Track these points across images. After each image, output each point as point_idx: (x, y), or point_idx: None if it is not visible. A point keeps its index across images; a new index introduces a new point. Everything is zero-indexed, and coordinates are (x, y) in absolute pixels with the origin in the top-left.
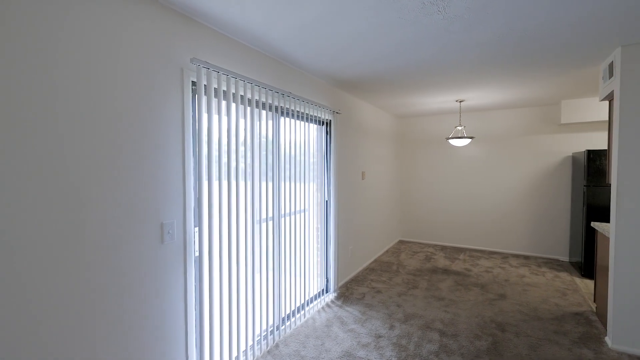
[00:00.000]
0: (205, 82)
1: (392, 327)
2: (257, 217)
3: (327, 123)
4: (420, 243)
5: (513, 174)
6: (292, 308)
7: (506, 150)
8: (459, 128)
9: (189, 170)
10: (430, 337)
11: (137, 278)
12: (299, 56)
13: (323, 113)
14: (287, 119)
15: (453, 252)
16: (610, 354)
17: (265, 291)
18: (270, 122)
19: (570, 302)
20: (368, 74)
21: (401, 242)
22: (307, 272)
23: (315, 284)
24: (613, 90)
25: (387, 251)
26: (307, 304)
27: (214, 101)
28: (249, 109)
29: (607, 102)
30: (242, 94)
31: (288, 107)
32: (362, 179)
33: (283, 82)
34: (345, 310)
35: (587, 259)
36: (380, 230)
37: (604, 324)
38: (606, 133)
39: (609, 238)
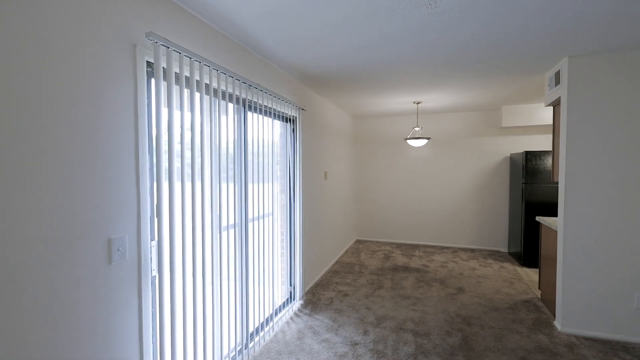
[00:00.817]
0: (164, 64)
1: (366, 332)
2: (222, 224)
3: (292, 120)
4: (377, 242)
5: (460, 174)
6: (260, 321)
7: (454, 151)
8: (417, 129)
9: (144, 172)
10: (405, 339)
11: (76, 315)
12: (268, 43)
13: (289, 109)
14: (254, 115)
15: (409, 249)
16: (561, 337)
17: (233, 306)
18: (235, 116)
19: (518, 290)
20: (337, 69)
21: (358, 241)
22: (273, 281)
23: (280, 293)
24: (560, 97)
25: (346, 252)
26: (275, 316)
27: (175, 88)
28: (214, 100)
29: (547, 108)
30: (207, 82)
31: (255, 100)
32: (325, 179)
33: (248, 73)
34: (315, 318)
35: (526, 250)
36: (341, 230)
37: (550, 310)
38: (541, 136)
39: (554, 230)
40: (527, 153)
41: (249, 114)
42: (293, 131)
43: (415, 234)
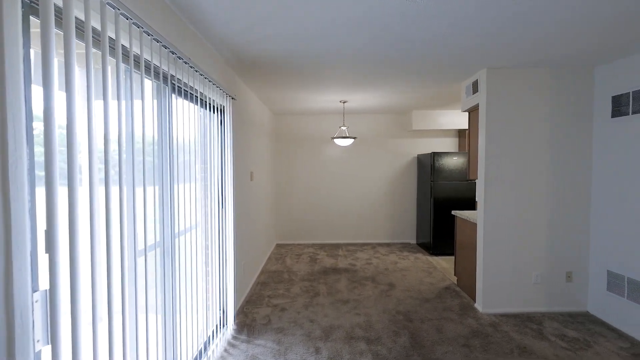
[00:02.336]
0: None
1: (318, 351)
2: (138, 245)
3: (221, 110)
4: (299, 244)
5: (377, 173)
6: None
7: (371, 151)
8: (343, 128)
9: (17, 171)
10: (359, 349)
11: None
12: (209, 7)
13: (219, 97)
14: (178, 100)
15: (332, 249)
16: (485, 318)
17: (155, 350)
18: (155, 101)
19: (437, 279)
20: (276, 55)
21: (279, 246)
22: (201, 308)
23: (210, 320)
24: (478, 103)
25: (270, 258)
26: (205, 351)
27: (73, 42)
28: (127, 69)
29: (450, 114)
30: (125, 43)
31: (183, 79)
32: (251, 180)
33: (176, 41)
34: (256, 344)
35: (435, 241)
36: (264, 236)
37: (468, 294)
38: (444, 139)
39: (471, 223)
40: (434, 154)
41: (175, 98)
42: (221, 123)
43: (337, 233)
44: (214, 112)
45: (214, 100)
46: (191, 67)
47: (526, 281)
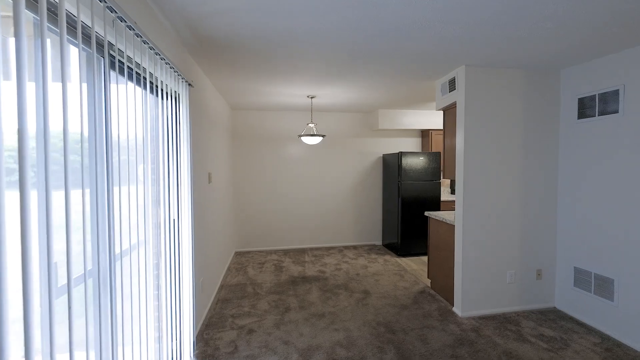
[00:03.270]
0: None
1: None
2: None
3: (176, 98)
4: (260, 251)
5: (343, 174)
6: None
7: (337, 151)
8: (311, 125)
9: None
10: None
11: None
12: None
13: (173, 81)
14: (120, 80)
15: (297, 254)
16: (466, 323)
17: None
18: (84, 85)
19: (410, 282)
20: (236, 33)
21: (239, 254)
22: (151, 340)
23: (164, 353)
24: (455, 102)
25: (229, 269)
26: None
27: None
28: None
29: (415, 114)
30: None
31: (123, 50)
32: (209, 183)
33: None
34: None
35: (403, 242)
36: (223, 245)
37: (444, 297)
38: (407, 139)
39: (446, 224)
40: (402, 154)
41: (114, 77)
42: (176, 114)
43: (301, 237)
44: (166, 98)
45: (166, 85)
46: (137, 35)
47: (501, 281)
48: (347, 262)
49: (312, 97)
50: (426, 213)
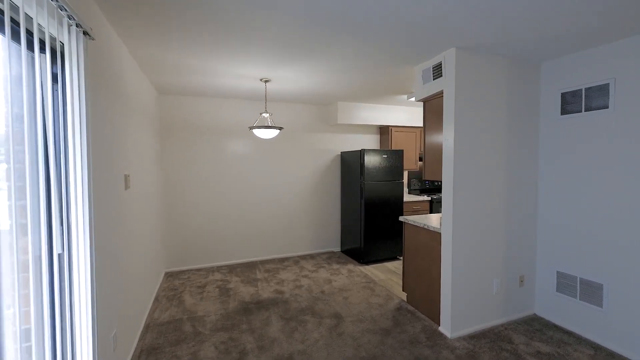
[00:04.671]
0: None
1: None
2: None
3: (61, 53)
4: (199, 270)
5: (296, 173)
6: None
7: (291, 148)
8: (265, 115)
9: None
10: None
11: None
12: None
13: (52, 21)
14: None
15: (246, 271)
16: (458, 346)
17: None
18: None
19: (383, 297)
20: None
21: (171, 275)
22: None
23: None
24: (441, 91)
25: (157, 300)
26: None
27: None
28: None
29: (379, 109)
30: None
31: None
32: (126, 188)
33: None
34: None
35: (366, 248)
36: (146, 267)
37: (426, 313)
38: (366, 136)
39: (427, 230)
40: (364, 151)
41: None
42: (62, 80)
43: (250, 249)
44: (42, 52)
45: (42, 27)
46: None
47: (488, 292)
48: (307, 277)
49: (266, 81)
50: (401, 218)
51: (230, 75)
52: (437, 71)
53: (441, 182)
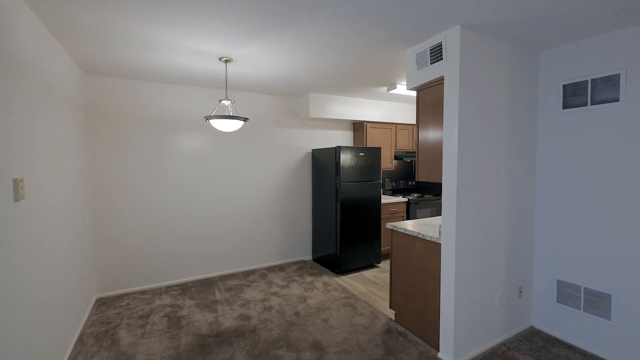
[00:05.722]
0: None
1: None
2: None
3: None
4: (142, 293)
5: (263, 173)
6: None
7: (256, 144)
8: (226, 103)
9: None
10: None
11: None
12: None
13: None
14: None
15: (202, 291)
16: None
17: None
18: None
19: (368, 315)
20: None
21: (104, 302)
22: None
23: None
24: (440, 77)
25: (82, 341)
26: None
27: None
28: None
29: (356, 103)
30: None
31: None
32: (18, 199)
33: None
34: None
35: (343, 256)
36: (64, 298)
37: (419, 335)
38: (339, 132)
39: (424, 241)
40: (340, 149)
41: None
42: None
43: (207, 263)
44: None
45: None
46: None
47: (490, 308)
48: (277, 294)
49: (226, 61)
50: (389, 225)
51: (180, 51)
52: (436, 54)
53: (428, 182)
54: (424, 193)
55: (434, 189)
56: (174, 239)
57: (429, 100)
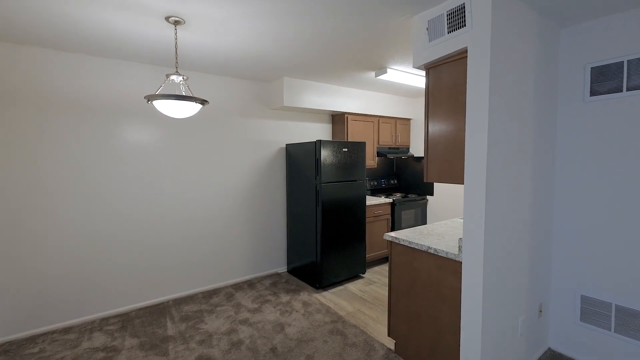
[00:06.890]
0: None
1: None
2: None
3: None
4: (66, 331)
5: (228, 172)
6: None
7: (219, 138)
8: (176, 78)
9: None
10: None
11: None
12: None
13: None
14: None
15: (148, 322)
16: None
17: None
18: None
19: (361, 346)
20: None
21: (8, 350)
22: None
23: None
24: (462, 49)
25: None
26: None
27: None
28: None
29: (337, 92)
30: None
31: None
32: None
33: None
34: None
35: (325, 268)
36: None
37: None
38: (316, 125)
39: (437, 257)
40: (321, 143)
41: None
42: None
43: (157, 284)
44: None
45: None
46: None
47: (514, 336)
48: (247, 322)
49: (176, 22)
50: (386, 235)
51: (109, 6)
52: (457, 19)
53: (411, 180)
54: (407, 192)
55: (417, 188)
56: (111, 255)
57: (445, 81)
